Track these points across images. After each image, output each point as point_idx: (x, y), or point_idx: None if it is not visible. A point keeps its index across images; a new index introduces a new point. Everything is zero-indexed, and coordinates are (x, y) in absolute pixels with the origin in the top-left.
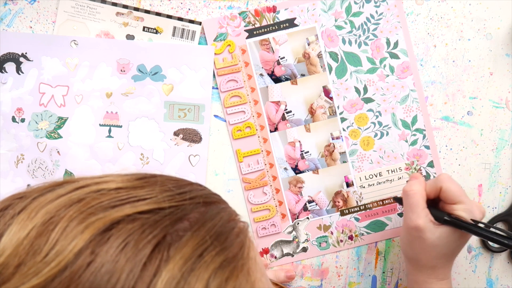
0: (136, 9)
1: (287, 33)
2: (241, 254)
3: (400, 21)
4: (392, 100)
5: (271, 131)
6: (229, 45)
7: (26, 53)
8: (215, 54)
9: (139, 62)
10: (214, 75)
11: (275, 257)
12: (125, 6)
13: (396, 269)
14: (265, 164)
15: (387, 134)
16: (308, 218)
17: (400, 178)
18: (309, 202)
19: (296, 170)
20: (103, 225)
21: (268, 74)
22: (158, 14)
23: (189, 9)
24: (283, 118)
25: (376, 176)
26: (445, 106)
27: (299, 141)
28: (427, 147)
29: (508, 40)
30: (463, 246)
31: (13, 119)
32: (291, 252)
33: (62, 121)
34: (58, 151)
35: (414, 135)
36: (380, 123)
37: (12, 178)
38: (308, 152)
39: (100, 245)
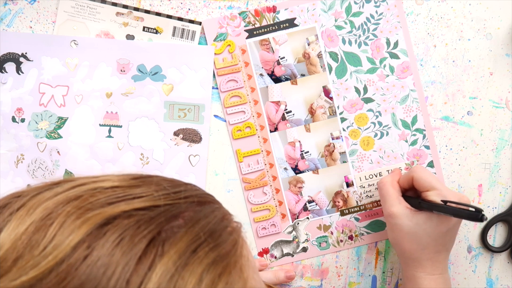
0: (136, 9)
1: (287, 33)
2: (234, 251)
3: (400, 21)
4: (392, 100)
5: (271, 131)
6: (229, 45)
7: (26, 53)
8: (215, 54)
9: (139, 62)
10: (214, 75)
11: (275, 257)
12: (125, 6)
13: (396, 269)
14: (265, 164)
15: (387, 134)
16: (308, 218)
17: None
18: (309, 202)
19: (296, 170)
20: (99, 220)
21: (268, 74)
22: (158, 14)
23: (189, 9)
24: (283, 118)
25: (376, 176)
26: (445, 106)
27: (299, 141)
28: (427, 147)
29: (508, 40)
30: (448, 236)
31: (13, 119)
32: (291, 252)
33: (62, 121)
34: (58, 151)
35: (414, 135)
36: (380, 123)
37: (12, 178)
38: (308, 152)
39: (96, 239)
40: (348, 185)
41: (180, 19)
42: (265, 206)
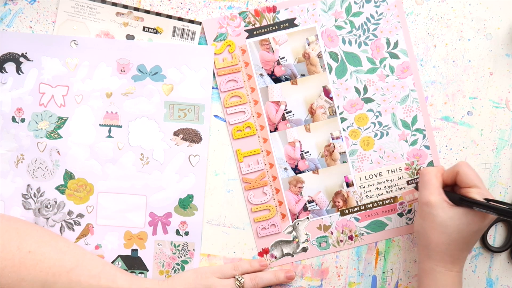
0: (136, 9)
1: (287, 33)
2: None
3: (400, 21)
4: (392, 100)
5: (271, 131)
6: (229, 45)
7: (26, 53)
8: (215, 54)
9: (139, 62)
10: (214, 75)
11: (275, 257)
12: (125, 6)
13: (396, 269)
14: (265, 164)
15: (387, 134)
16: (308, 218)
17: (400, 178)
18: (309, 202)
19: (296, 170)
20: None
21: (268, 74)
22: (158, 14)
23: (189, 9)
24: (283, 118)
25: (376, 176)
26: (445, 106)
27: (299, 141)
28: (427, 147)
29: (508, 40)
30: (475, 236)
31: (13, 119)
32: (291, 252)
33: (62, 121)
34: (58, 151)
35: (414, 135)
36: (380, 123)
37: (12, 178)
38: (308, 152)
39: None
40: (348, 185)
41: (180, 19)
42: (265, 206)
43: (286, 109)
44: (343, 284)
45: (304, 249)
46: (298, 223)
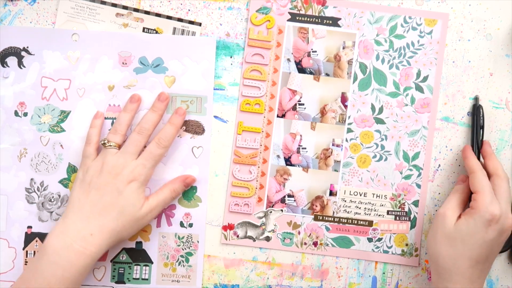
0: (136, 10)
1: (327, 30)
2: None
3: (437, 58)
4: (402, 129)
5: (278, 116)
6: (269, 20)
7: (27, 47)
8: (252, 24)
9: (141, 55)
10: (215, 67)
11: (237, 236)
12: (124, 7)
13: (396, 270)
14: (261, 145)
15: (386, 159)
16: (282, 210)
17: (382, 205)
18: (289, 196)
19: (288, 161)
20: None
21: (295, 61)
22: (158, 15)
23: (189, 10)
24: (294, 108)
25: (360, 195)
26: (445, 107)
27: (300, 135)
28: (419, 186)
29: (508, 41)
30: (484, 252)
31: (16, 113)
32: (254, 237)
33: (64, 115)
34: (61, 145)
35: (411, 169)
36: (382, 147)
37: (15, 173)
38: (305, 148)
39: None
40: (331, 193)
41: (180, 20)
42: (246, 184)
43: (300, 101)
44: (343, 285)
45: (267, 238)
46: (271, 212)
